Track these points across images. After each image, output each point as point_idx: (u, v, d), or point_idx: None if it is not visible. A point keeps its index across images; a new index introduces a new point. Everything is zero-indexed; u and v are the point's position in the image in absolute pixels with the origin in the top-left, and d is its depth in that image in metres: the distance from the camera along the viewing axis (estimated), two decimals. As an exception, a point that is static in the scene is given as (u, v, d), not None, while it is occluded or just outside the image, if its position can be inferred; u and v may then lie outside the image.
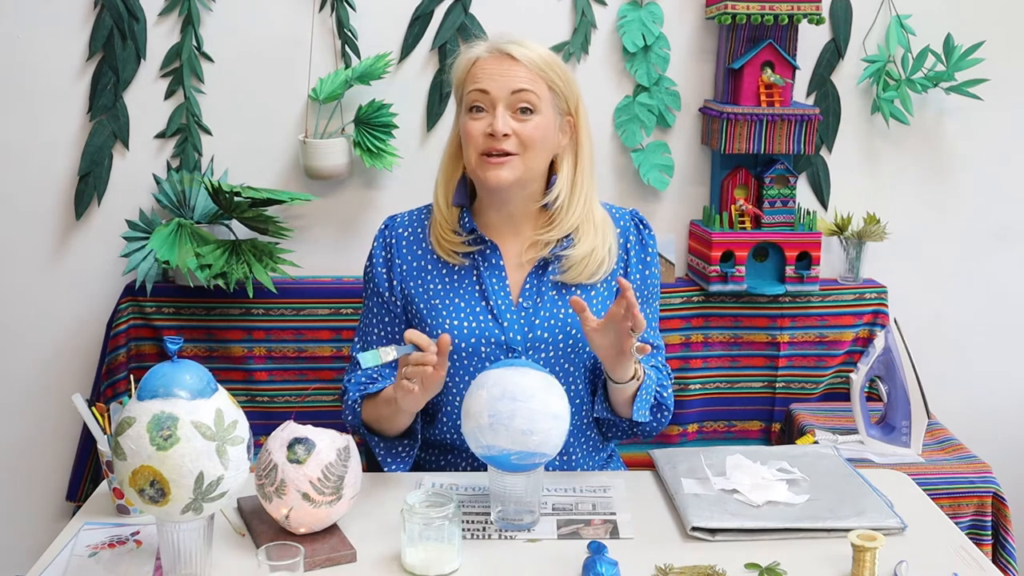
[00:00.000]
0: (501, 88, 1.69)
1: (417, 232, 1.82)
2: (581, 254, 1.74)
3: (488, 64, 1.71)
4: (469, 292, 1.77)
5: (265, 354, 2.48)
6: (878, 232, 2.55)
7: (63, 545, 1.51)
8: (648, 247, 1.83)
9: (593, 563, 1.41)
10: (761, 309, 2.54)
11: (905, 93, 2.53)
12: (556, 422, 1.52)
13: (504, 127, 1.68)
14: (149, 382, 1.34)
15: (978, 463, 2.23)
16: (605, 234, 1.77)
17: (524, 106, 1.69)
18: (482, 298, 1.76)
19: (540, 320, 1.74)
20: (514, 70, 1.69)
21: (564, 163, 1.77)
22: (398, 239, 1.82)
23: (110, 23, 2.43)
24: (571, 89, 1.75)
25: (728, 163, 2.51)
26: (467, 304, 1.76)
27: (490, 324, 1.74)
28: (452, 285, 1.78)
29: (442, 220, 1.77)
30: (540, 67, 1.70)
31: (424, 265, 1.80)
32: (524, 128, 1.69)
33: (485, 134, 1.69)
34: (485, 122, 1.70)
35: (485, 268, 1.77)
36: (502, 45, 1.71)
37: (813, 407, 2.52)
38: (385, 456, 1.79)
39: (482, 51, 1.73)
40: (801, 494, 1.63)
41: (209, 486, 1.32)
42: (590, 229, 1.76)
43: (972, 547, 1.53)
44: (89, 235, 2.53)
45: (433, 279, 1.78)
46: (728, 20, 2.37)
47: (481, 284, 1.76)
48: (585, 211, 1.76)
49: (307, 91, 2.48)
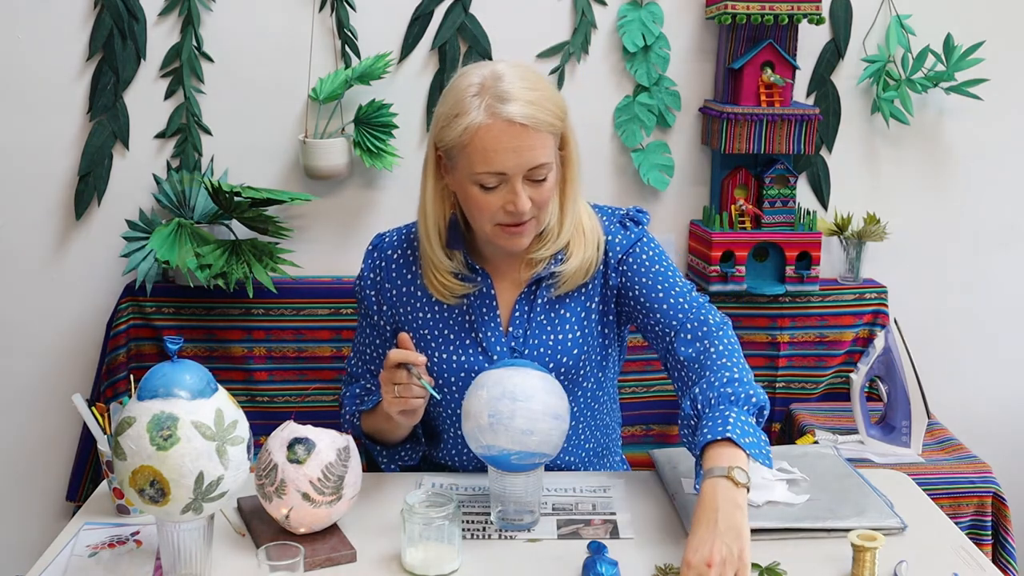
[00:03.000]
0: (516, 167, 1.56)
1: (407, 255, 1.76)
2: (573, 268, 1.69)
3: (495, 137, 1.55)
4: (459, 324, 1.72)
5: (265, 354, 2.48)
6: (878, 232, 2.55)
7: (63, 545, 1.51)
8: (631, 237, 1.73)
9: (593, 563, 1.41)
10: (761, 309, 2.54)
11: (905, 93, 2.53)
12: (556, 422, 1.52)
13: (526, 205, 1.58)
14: (149, 382, 1.34)
15: (978, 463, 2.23)
16: (593, 238, 1.71)
17: (539, 177, 1.59)
18: (472, 330, 1.72)
19: (529, 350, 1.70)
20: (524, 140, 1.55)
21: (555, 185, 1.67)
22: (387, 262, 1.77)
23: (110, 23, 2.43)
24: (562, 110, 1.62)
25: (728, 163, 2.51)
26: (456, 336, 1.72)
27: (479, 358, 1.71)
28: (441, 315, 1.73)
29: (436, 263, 1.69)
30: (543, 120, 1.56)
31: (414, 292, 1.74)
32: (539, 193, 1.60)
33: (504, 211, 1.59)
34: (500, 197, 1.59)
35: (476, 298, 1.72)
36: (500, 107, 1.54)
37: (813, 407, 2.52)
38: (388, 463, 1.80)
39: (480, 116, 1.55)
40: (801, 494, 1.63)
41: (209, 486, 1.32)
42: (580, 240, 1.69)
43: (972, 547, 1.53)
44: (89, 235, 2.53)
45: (422, 308, 1.74)
46: (728, 20, 2.37)
47: (471, 315, 1.72)
48: (575, 224, 1.69)
49: (307, 91, 2.48)
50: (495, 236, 1.64)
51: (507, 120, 1.54)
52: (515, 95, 1.55)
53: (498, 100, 1.55)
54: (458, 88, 1.59)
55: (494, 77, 1.57)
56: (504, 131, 1.55)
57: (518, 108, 1.55)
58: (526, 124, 1.55)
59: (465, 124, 1.56)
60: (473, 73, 1.60)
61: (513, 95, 1.55)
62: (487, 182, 1.58)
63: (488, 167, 1.56)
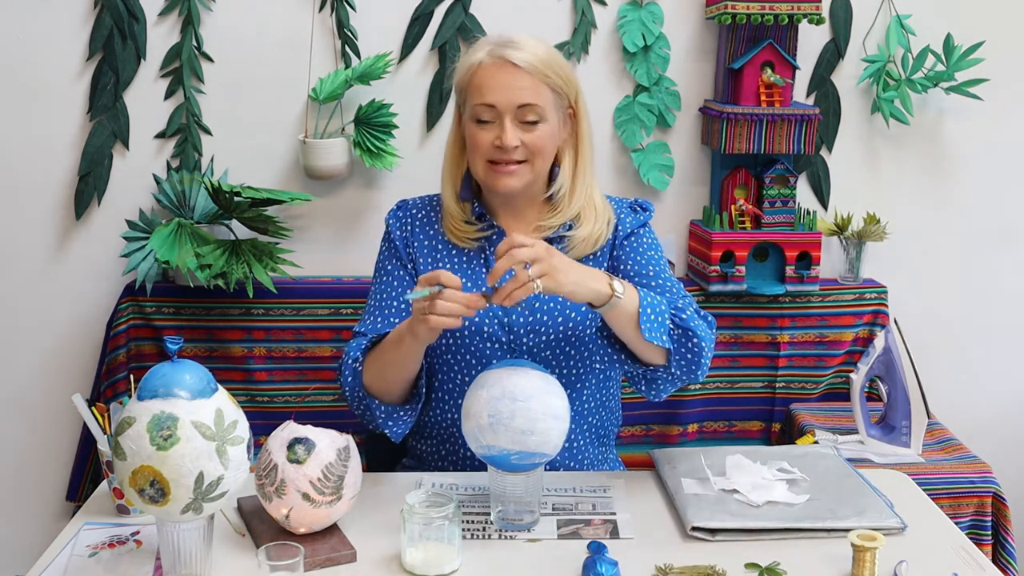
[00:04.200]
0: (506, 102, 1.71)
1: (430, 215, 1.87)
2: (583, 235, 1.78)
3: (490, 73, 1.72)
4: (477, 274, 1.80)
5: (265, 354, 2.48)
6: (878, 232, 2.55)
7: (63, 545, 1.51)
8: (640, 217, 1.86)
9: (593, 563, 1.41)
10: (761, 309, 2.54)
11: (905, 93, 2.53)
12: (556, 422, 1.52)
13: (513, 140, 1.71)
14: (149, 382, 1.34)
15: (978, 463, 2.23)
16: (604, 216, 1.82)
17: (530, 118, 1.72)
18: None
19: (541, 302, 1.77)
20: (517, 80, 1.70)
21: (566, 155, 1.81)
22: (412, 219, 1.87)
23: (110, 23, 2.43)
24: (571, 84, 1.77)
25: (728, 163, 2.51)
26: (475, 285, 1.78)
27: (496, 310, 1.76)
28: (461, 267, 1.81)
29: (453, 213, 1.82)
30: (542, 71, 1.71)
31: (436, 246, 1.84)
32: (531, 137, 1.73)
33: (493, 145, 1.72)
34: (492, 133, 1.72)
35: (492, 252, 1.80)
36: (502, 50, 1.72)
37: (813, 407, 2.52)
38: (386, 420, 1.75)
39: (483, 55, 1.73)
40: (801, 494, 1.63)
41: (209, 486, 1.32)
42: (591, 214, 1.80)
43: (972, 547, 1.54)
44: (89, 235, 2.53)
45: (444, 261, 1.82)
46: (728, 20, 2.37)
47: (488, 267, 1.80)
48: (587, 198, 1.80)
49: (307, 91, 2.48)
50: (487, 176, 1.75)
51: (504, 59, 1.71)
52: (521, 44, 1.73)
53: (503, 45, 1.73)
54: (479, 40, 1.81)
55: (508, 36, 1.76)
56: (500, 68, 1.71)
57: (518, 53, 1.71)
58: (520, 66, 1.70)
59: (470, 62, 1.75)
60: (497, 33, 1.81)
61: (519, 44, 1.73)
62: (481, 114, 1.72)
63: (481, 99, 1.72)
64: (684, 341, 1.65)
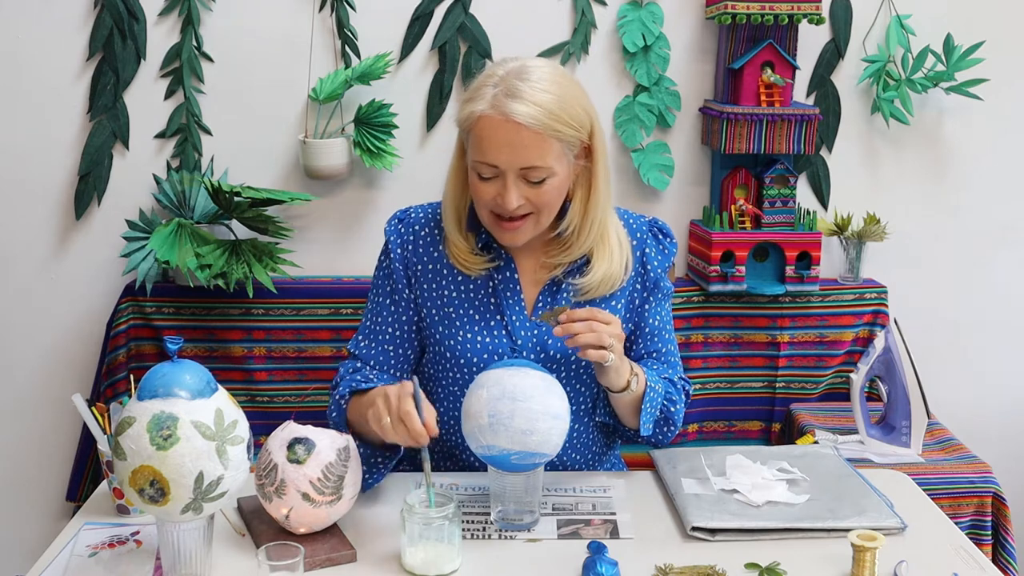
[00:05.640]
0: (508, 163, 1.58)
1: (433, 233, 1.76)
2: (596, 280, 1.71)
3: (492, 129, 1.57)
4: (484, 303, 1.73)
5: (265, 354, 2.48)
6: (878, 232, 2.55)
7: (63, 545, 1.51)
8: (670, 257, 1.82)
9: (593, 563, 1.41)
10: (761, 309, 2.54)
11: (905, 93, 2.53)
12: (556, 422, 1.52)
13: (515, 202, 1.60)
14: (149, 382, 1.34)
15: (978, 463, 2.23)
16: (621, 252, 1.73)
17: (535, 179, 1.61)
18: (497, 311, 1.73)
19: (553, 338, 1.69)
20: (521, 138, 1.56)
21: (577, 191, 1.70)
22: (415, 236, 1.76)
23: (110, 23, 2.43)
24: (584, 124, 1.63)
25: (728, 163, 2.51)
26: (481, 316, 1.72)
27: (503, 339, 1.72)
28: (467, 295, 1.73)
29: (457, 244, 1.72)
30: (549, 125, 1.57)
31: (440, 270, 1.74)
32: (536, 194, 1.62)
33: (495, 200, 1.62)
34: (495, 188, 1.61)
35: (500, 281, 1.73)
36: (506, 104, 1.56)
37: (813, 407, 2.52)
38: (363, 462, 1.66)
39: (485, 106, 1.58)
40: (801, 494, 1.63)
41: (209, 486, 1.32)
42: (604, 252, 1.71)
43: (972, 547, 1.54)
44: (89, 235, 2.53)
45: (448, 286, 1.74)
46: (728, 20, 2.37)
47: (496, 297, 1.73)
48: (599, 236, 1.71)
49: (307, 91, 2.48)
50: (491, 227, 1.68)
51: (506, 115, 1.56)
52: (526, 94, 1.56)
53: (507, 95, 1.57)
54: (485, 73, 1.64)
55: (518, 72, 1.59)
56: (501, 126, 1.57)
57: (522, 107, 1.56)
58: (525, 124, 1.56)
59: (471, 110, 1.60)
60: (507, 62, 1.63)
61: (523, 93, 1.56)
62: (482, 171, 1.61)
63: (483, 157, 1.60)
64: (662, 426, 1.75)
